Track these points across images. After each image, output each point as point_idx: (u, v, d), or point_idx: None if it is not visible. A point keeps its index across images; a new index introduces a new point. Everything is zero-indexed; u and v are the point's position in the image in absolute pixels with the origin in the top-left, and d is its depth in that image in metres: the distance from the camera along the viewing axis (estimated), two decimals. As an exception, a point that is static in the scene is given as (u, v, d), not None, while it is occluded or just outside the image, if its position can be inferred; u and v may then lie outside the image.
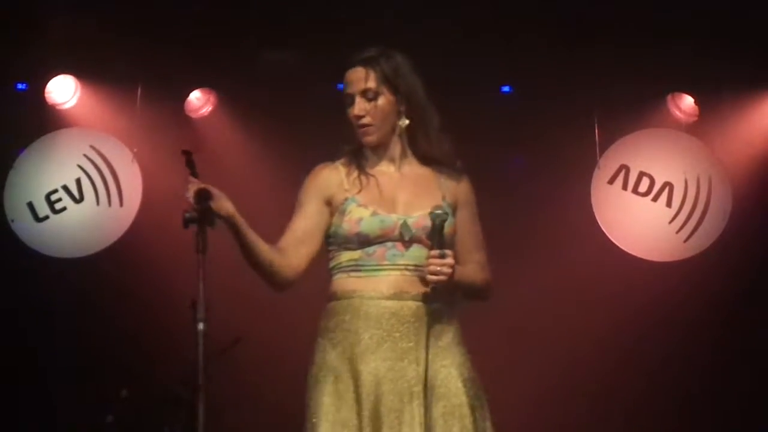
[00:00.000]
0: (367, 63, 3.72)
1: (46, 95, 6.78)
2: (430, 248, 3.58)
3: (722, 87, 6.63)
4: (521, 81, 6.77)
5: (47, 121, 6.79)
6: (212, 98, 6.95)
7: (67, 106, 6.83)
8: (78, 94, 6.82)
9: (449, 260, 3.56)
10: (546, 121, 6.61)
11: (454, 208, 3.77)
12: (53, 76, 6.77)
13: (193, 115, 6.92)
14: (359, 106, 3.72)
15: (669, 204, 6.71)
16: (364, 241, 3.64)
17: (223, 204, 3.44)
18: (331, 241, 3.73)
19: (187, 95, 6.89)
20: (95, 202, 6.70)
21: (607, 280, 6.61)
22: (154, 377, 6.08)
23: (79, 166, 6.74)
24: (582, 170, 6.73)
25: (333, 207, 3.71)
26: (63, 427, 6.38)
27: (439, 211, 3.60)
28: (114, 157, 6.69)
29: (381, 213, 3.66)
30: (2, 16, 6.33)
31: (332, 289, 3.72)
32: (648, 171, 6.74)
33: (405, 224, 3.64)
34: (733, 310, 6.56)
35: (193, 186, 3.37)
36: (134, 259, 6.56)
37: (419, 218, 3.65)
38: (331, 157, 6.64)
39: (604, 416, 6.57)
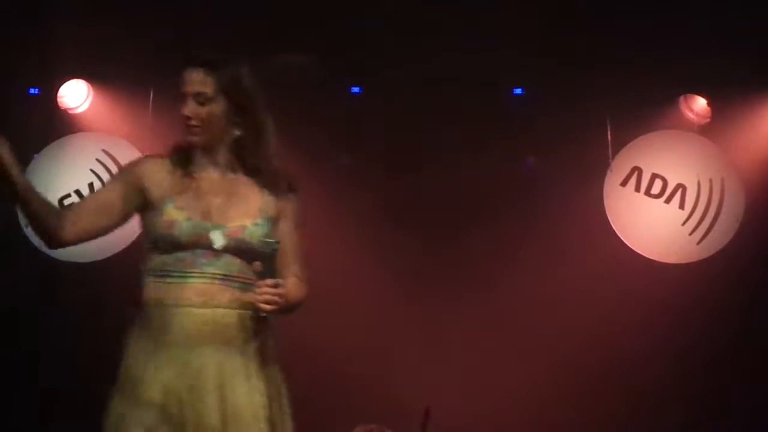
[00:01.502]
0: (207, 67, 3.66)
1: (59, 100, 6.80)
2: (262, 277, 3.55)
3: (735, 89, 6.62)
4: (533, 83, 6.77)
5: (60, 125, 6.81)
6: (224, 102, 6.96)
7: (79, 110, 6.85)
8: (90, 98, 6.83)
9: (282, 290, 3.53)
10: (558, 124, 6.61)
11: (275, 221, 3.73)
12: (65, 81, 6.79)
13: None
14: (189, 107, 3.66)
15: (682, 206, 6.69)
16: (175, 244, 3.60)
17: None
18: (147, 239, 3.68)
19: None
20: (108, 207, 6.71)
21: (620, 281, 6.61)
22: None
23: (92, 171, 6.75)
24: (594, 172, 6.72)
25: (148, 202, 3.66)
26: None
27: (271, 240, 3.62)
28: (127, 161, 6.68)
29: (195, 218, 3.61)
30: (14, 20, 6.34)
31: (143, 294, 3.67)
32: (661, 173, 6.73)
33: (219, 233, 3.60)
34: (747, 311, 6.55)
35: None
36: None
37: (234, 229, 3.62)
38: (339, 159, 6.68)
39: (614, 416, 6.56)
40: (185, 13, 6.43)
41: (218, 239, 3.61)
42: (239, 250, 3.61)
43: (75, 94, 6.82)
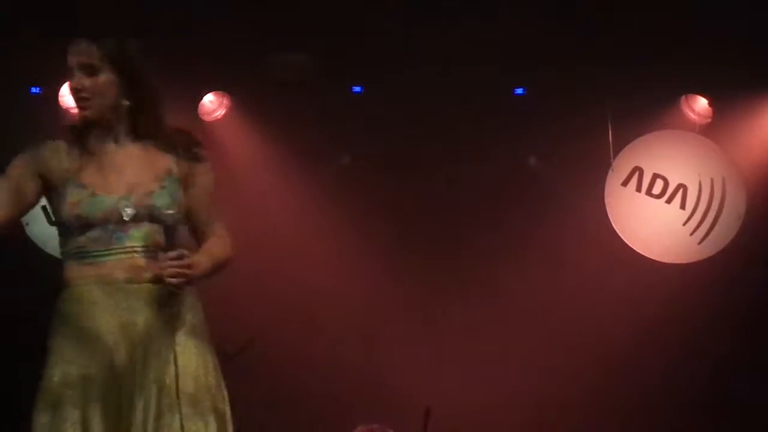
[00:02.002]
0: (91, 37, 3.61)
1: (60, 99, 6.79)
2: (165, 250, 3.47)
3: (736, 89, 6.62)
4: (534, 83, 6.76)
5: (61, 125, 6.80)
6: (226, 101, 6.96)
7: (80, 110, 6.84)
8: (91, 98, 6.82)
9: (187, 260, 3.45)
10: (559, 124, 6.62)
11: (184, 185, 3.65)
12: (66, 81, 6.77)
13: (207, 119, 6.92)
14: (77, 79, 3.61)
15: (683, 206, 6.70)
16: (85, 224, 3.51)
17: None
18: (58, 223, 3.60)
19: (201, 99, 6.89)
20: (108, 206, 6.71)
21: (621, 281, 6.61)
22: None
23: (93, 170, 6.74)
24: (596, 172, 6.73)
25: (51, 187, 3.59)
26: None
27: (171, 212, 3.54)
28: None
29: (101, 194, 3.54)
30: (14, 20, 6.34)
31: (64, 276, 3.59)
32: (662, 173, 6.73)
33: (126, 204, 3.52)
34: (747, 311, 6.55)
35: None
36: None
37: (141, 196, 3.55)
38: (340, 160, 6.66)
39: (614, 415, 6.57)
40: (185, 13, 6.43)
41: (126, 210, 3.53)
42: (151, 216, 3.54)
43: (76, 94, 6.81)
